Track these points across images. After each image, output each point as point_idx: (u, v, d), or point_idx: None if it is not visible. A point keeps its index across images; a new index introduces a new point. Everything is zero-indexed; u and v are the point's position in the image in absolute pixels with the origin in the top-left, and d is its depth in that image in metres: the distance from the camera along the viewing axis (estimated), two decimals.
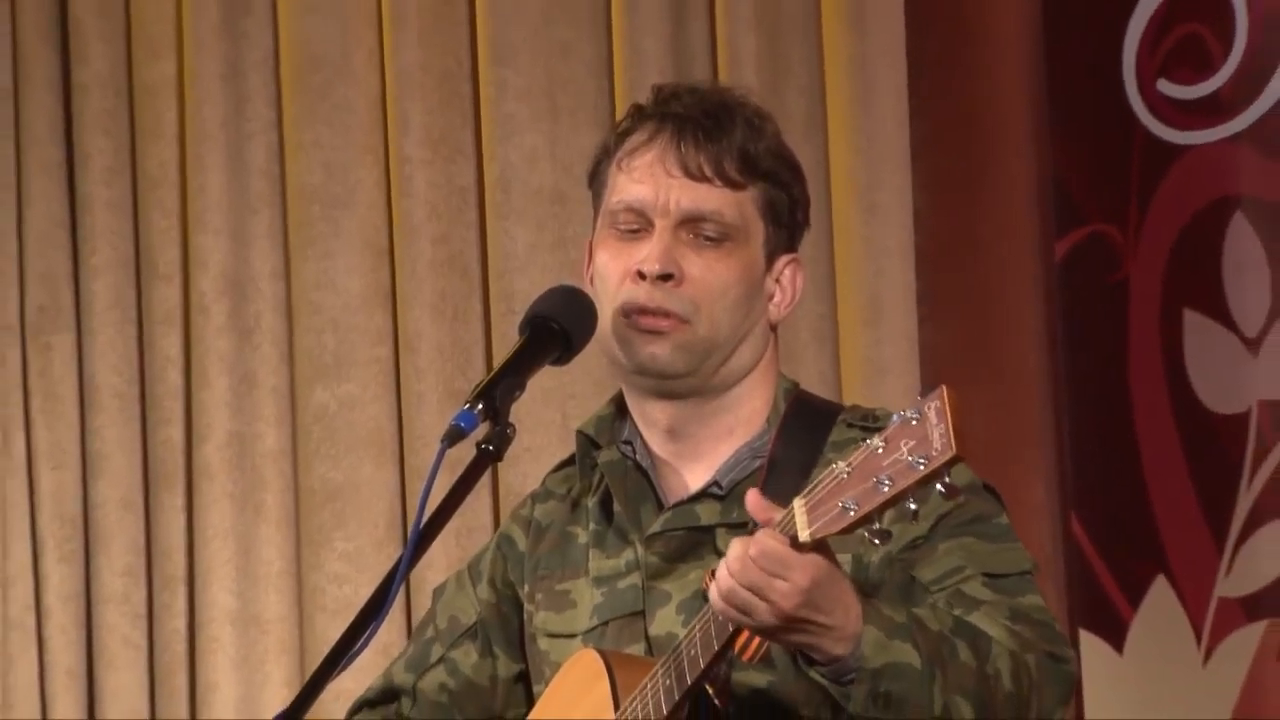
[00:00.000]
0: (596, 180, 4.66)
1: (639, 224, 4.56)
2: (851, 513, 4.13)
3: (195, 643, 7.00)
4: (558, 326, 4.52)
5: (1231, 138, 6.44)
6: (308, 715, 4.37)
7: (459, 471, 4.26)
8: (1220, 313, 6.46)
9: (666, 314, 4.58)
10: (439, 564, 6.56)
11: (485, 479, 4.39)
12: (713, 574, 4.39)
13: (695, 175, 4.56)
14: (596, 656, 4.58)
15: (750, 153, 4.57)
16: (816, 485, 4.19)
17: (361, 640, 4.26)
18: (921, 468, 4.08)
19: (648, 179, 4.57)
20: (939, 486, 4.09)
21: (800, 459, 4.66)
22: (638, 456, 4.71)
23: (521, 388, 4.46)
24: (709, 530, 4.64)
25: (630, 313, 4.57)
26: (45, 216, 7.05)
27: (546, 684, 4.75)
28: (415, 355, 6.93)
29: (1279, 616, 6.54)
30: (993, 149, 6.72)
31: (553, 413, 6.72)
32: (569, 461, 4.86)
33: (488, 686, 4.82)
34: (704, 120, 4.60)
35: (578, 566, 4.75)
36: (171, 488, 7.01)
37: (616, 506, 4.71)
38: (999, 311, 6.68)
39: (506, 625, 4.82)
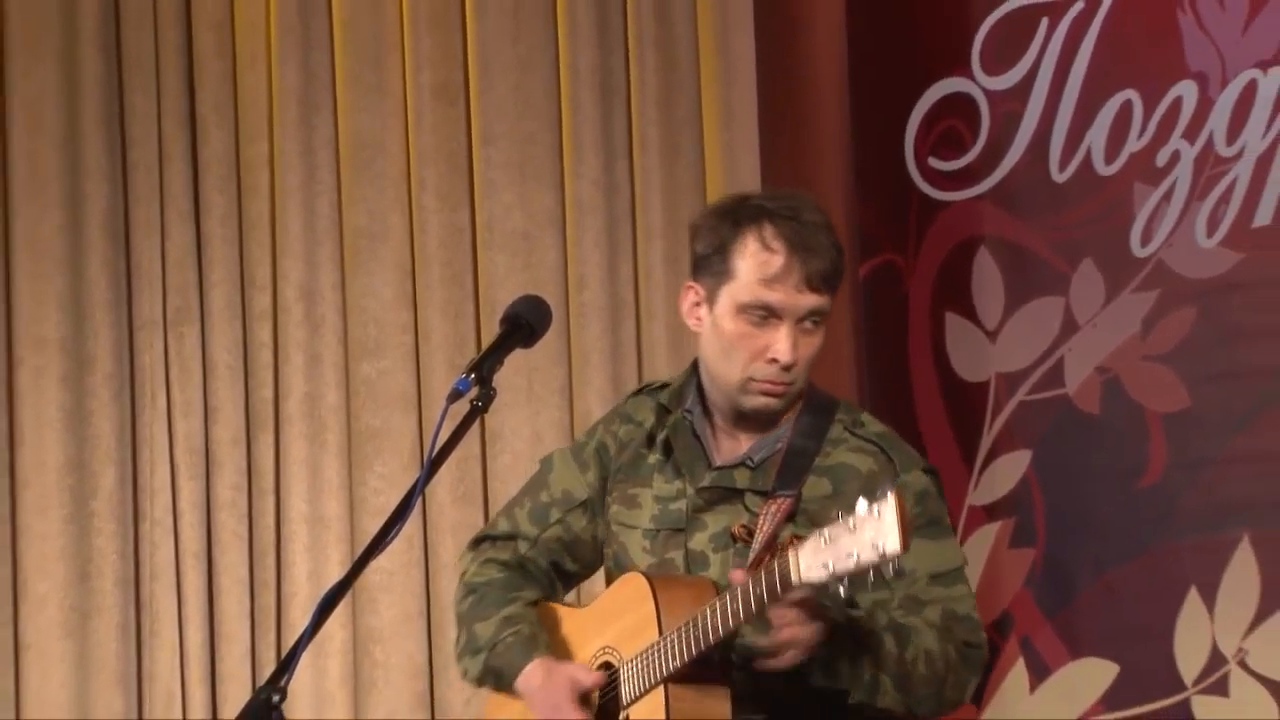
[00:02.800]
0: (719, 259, 4.55)
1: (769, 317, 4.49)
2: (828, 570, 4.12)
3: (280, 535, 7.01)
4: (525, 322, 4.59)
5: (977, 197, 6.48)
6: (353, 586, 4.44)
7: (458, 420, 4.37)
8: (970, 314, 6.50)
9: (784, 387, 4.56)
10: (445, 480, 6.76)
11: (474, 424, 4.61)
12: (742, 526, 4.52)
13: (814, 289, 4.50)
14: (644, 582, 4.53)
15: (839, 269, 4.54)
16: (807, 544, 4.18)
17: (391, 535, 4.33)
18: (879, 555, 4.06)
19: (780, 290, 4.48)
20: (891, 566, 4.09)
21: (807, 448, 4.62)
22: (695, 424, 4.66)
23: (500, 362, 4.52)
24: (740, 492, 4.61)
25: (759, 380, 4.54)
26: (180, 247, 7.05)
27: (613, 558, 4.76)
28: (429, 341, 6.93)
29: (1009, 518, 6.40)
30: (826, 206, 6.60)
31: (520, 379, 6.75)
32: (640, 391, 4.84)
33: (590, 543, 4.78)
34: (816, 248, 4.51)
35: (645, 479, 4.71)
36: (265, 431, 7.03)
37: (676, 453, 4.68)
38: (831, 317, 6.44)
39: (599, 506, 4.76)
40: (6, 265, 7.15)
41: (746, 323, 4.54)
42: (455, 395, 4.48)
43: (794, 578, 4.23)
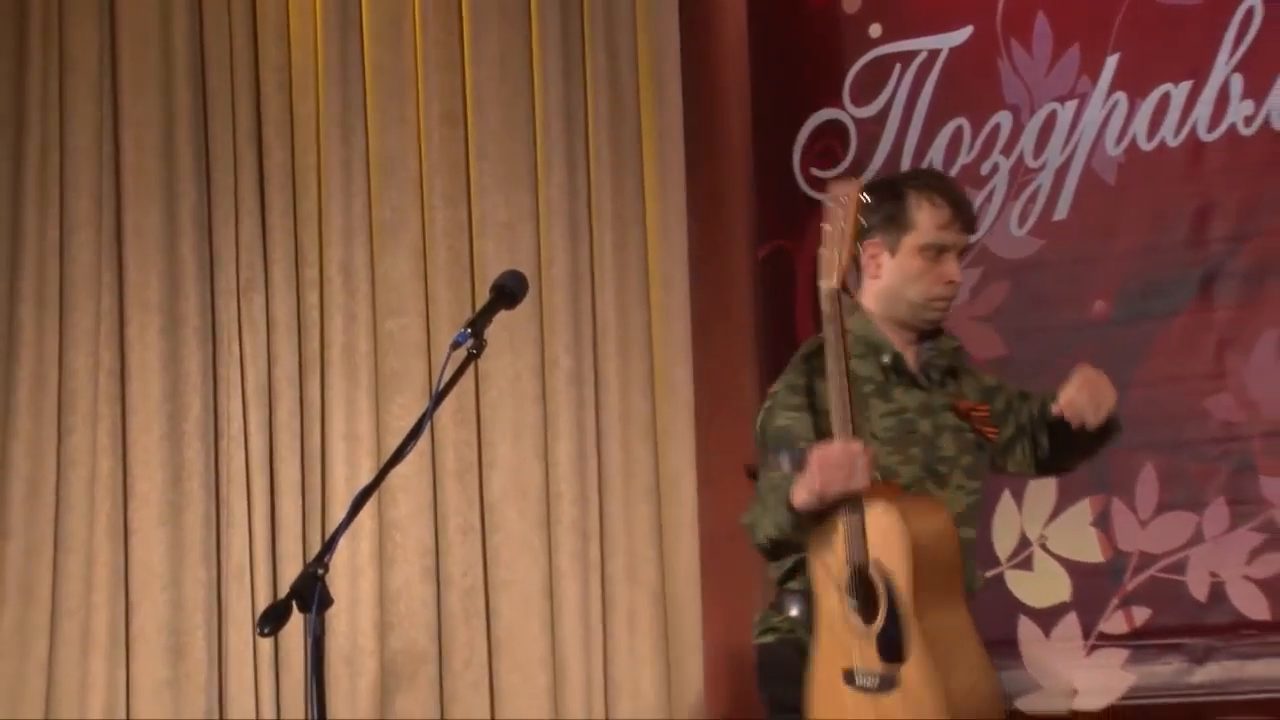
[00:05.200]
0: (899, 215, 4.56)
1: (941, 253, 4.53)
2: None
3: (325, 451, 6.96)
4: (509, 290, 4.53)
5: None
6: (379, 488, 4.50)
7: (458, 364, 4.35)
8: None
9: (951, 301, 4.62)
10: (448, 409, 6.71)
11: (470, 367, 4.59)
12: (966, 403, 4.64)
13: (969, 230, 4.58)
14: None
15: (975, 219, 4.62)
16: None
17: (407, 449, 4.28)
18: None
19: (948, 234, 4.52)
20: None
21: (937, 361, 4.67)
22: (895, 351, 4.59)
23: (490, 321, 4.46)
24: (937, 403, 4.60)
25: (937, 299, 4.57)
26: (249, 234, 7.03)
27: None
28: (436, 305, 6.86)
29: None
30: (731, 205, 6.59)
31: (505, 333, 6.67)
32: (810, 357, 4.64)
33: None
34: (965, 202, 4.58)
35: (882, 394, 4.58)
36: (313, 373, 6.99)
37: (887, 376, 4.58)
38: (735, 286, 6.57)
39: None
40: (119, 248, 7.14)
41: (926, 259, 4.57)
42: (456, 345, 4.44)
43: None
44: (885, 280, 4.66)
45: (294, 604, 4.17)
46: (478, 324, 4.51)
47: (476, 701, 6.69)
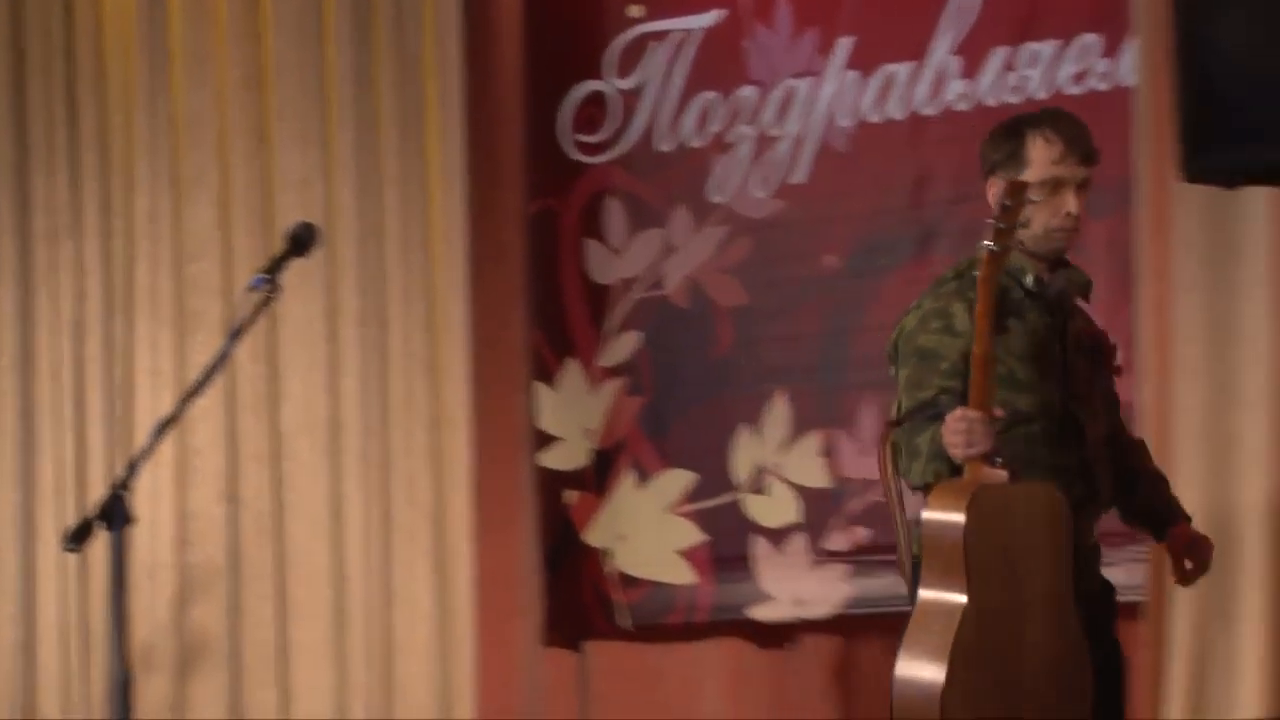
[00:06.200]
0: (1018, 152, 4.36)
1: (1056, 187, 4.33)
2: None
3: (130, 382, 6.83)
4: (302, 239, 4.57)
5: (609, 161, 6.45)
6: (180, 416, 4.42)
7: (254, 306, 4.41)
8: (603, 239, 6.46)
9: (1075, 233, 4.39)
10: (246, 347, 6.53)
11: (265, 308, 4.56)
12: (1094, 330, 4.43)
13: (1083, 164, 4.35)
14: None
15: (1094, 151, 4.39)
16: None
17: (206, 382, 4.37)
18: None
19: (1062, 169, 4.33)
20: None
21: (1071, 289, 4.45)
22: (1037, 274, 4.36)
23: (284, 267, 4.51)
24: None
25: (1057, 230, 4.34)
26: (64, 186, 6.91)
27: None
28: (236, 253, 6.73)
29: (627, 376, 6.37)
30: (506, 166, 6.55)
31: (296, 279, 6.19)
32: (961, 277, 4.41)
33: None
34: (1081, 135, 4.38)
35: (1018, 314, 4.35)
36: (120, 312, 6.87)
37: (1028, 296, 4.36)
38: (508, 239, 6.54)
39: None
40: None
41: (1042, 194, 4.36)
42: (252, 288, 4.46)
43: None
44: None
45: (99, 522, 4.16)
46: (273, 270, 4.49)
47: (266, 612, 6.68)
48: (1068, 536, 4.18)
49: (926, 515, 4.18)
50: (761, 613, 6.22)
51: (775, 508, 6.21)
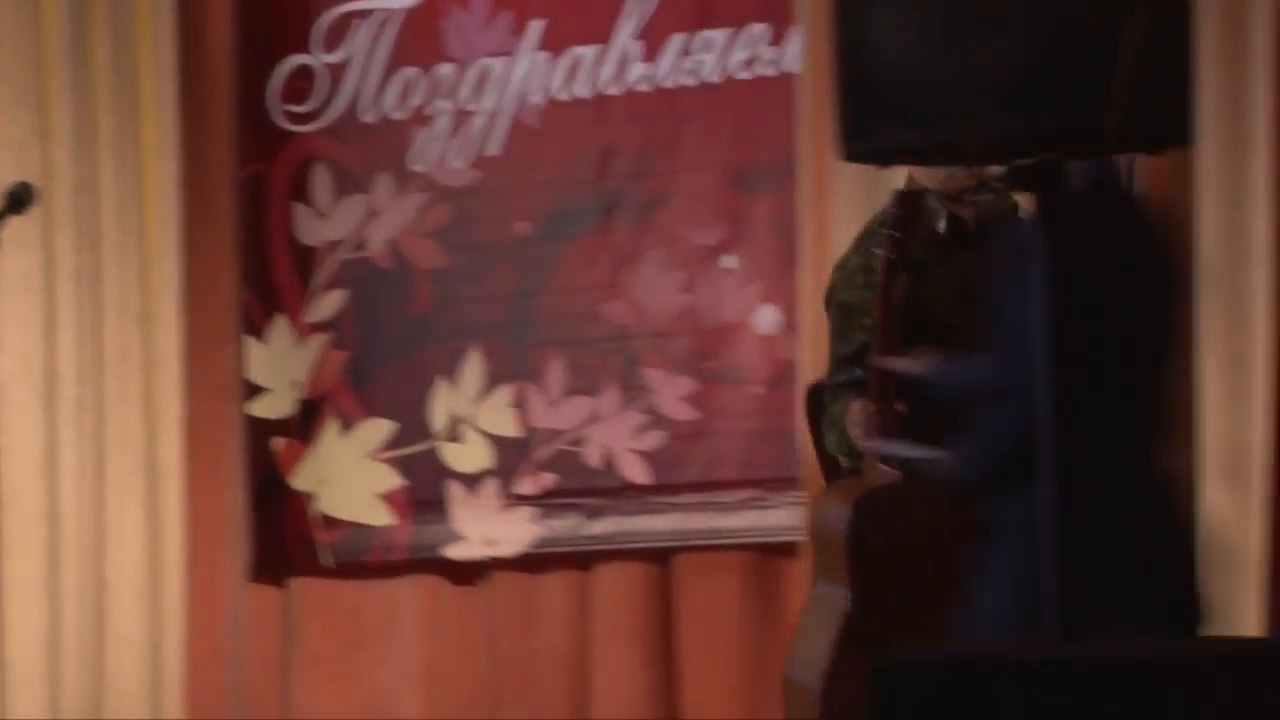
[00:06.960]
0: None
1: None
2: None
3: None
4: (19, 198, 4.55)
5: (316, 131, 6.40)
6: None
7: None
8: (310, 203, 6.40)
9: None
10: None
11: None
12: None
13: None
14: None
15: None
16: None
17: None
18: None
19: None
20: None
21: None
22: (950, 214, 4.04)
23: (2, 225, 4.52)
24: None
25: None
26: None
27: None
28: None
29: (333, 331, 6.31)
30: (218, 131, 6.47)
31: (12, 234, 5.87)
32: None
33: None
34: None
35: (941, 259, 4.08)
36: None
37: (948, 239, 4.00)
38: (220, 200, 6.46)
39: None
40: None
41: None
42: None
43: None
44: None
45: None
46: None
47: None
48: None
49: (815, 510, 4.11)
50: (455, 551, 6.25)
51: (469, 455, 6.23)
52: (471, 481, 6.23)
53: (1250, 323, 4.50)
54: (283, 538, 6.41)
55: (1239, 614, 4.64)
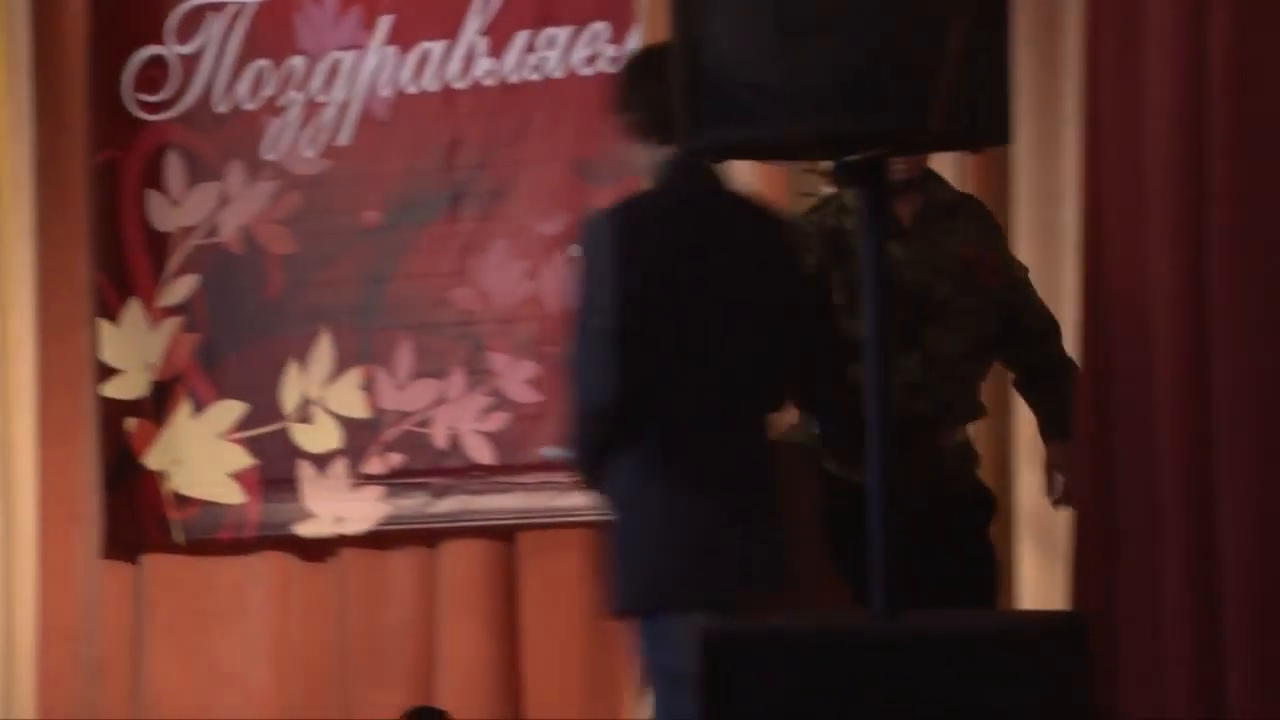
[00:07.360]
0: None
1: None
2: None
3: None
4: None
5: (169, 119, 6.31)
6: None
7: None
8: (164, 190, 6.31)
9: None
10: None
11: None
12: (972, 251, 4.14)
13: None
14: None
15: None
16: None
17: None
18: None
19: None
20: None
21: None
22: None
23: None
24: None
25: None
26: None
27: None
28: None
29: (185, 315, 6.23)
30: (72, 118, 6.33)
31: None
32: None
33: None
34: None
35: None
36: None
37: None
38: (74, 186, 6.33)
39: None
40: None
41: None
42: None
43: None
44: None
45: None
46: None
47: None
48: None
49: None
50: (305, 529, 6.22)
51: (319, 435, 6.19)
52: (321, 461, 6.20)
53: (1060, 309, 4.55)
54: (135, 516, 6.33)
55: (1049, 590, 4.78)
